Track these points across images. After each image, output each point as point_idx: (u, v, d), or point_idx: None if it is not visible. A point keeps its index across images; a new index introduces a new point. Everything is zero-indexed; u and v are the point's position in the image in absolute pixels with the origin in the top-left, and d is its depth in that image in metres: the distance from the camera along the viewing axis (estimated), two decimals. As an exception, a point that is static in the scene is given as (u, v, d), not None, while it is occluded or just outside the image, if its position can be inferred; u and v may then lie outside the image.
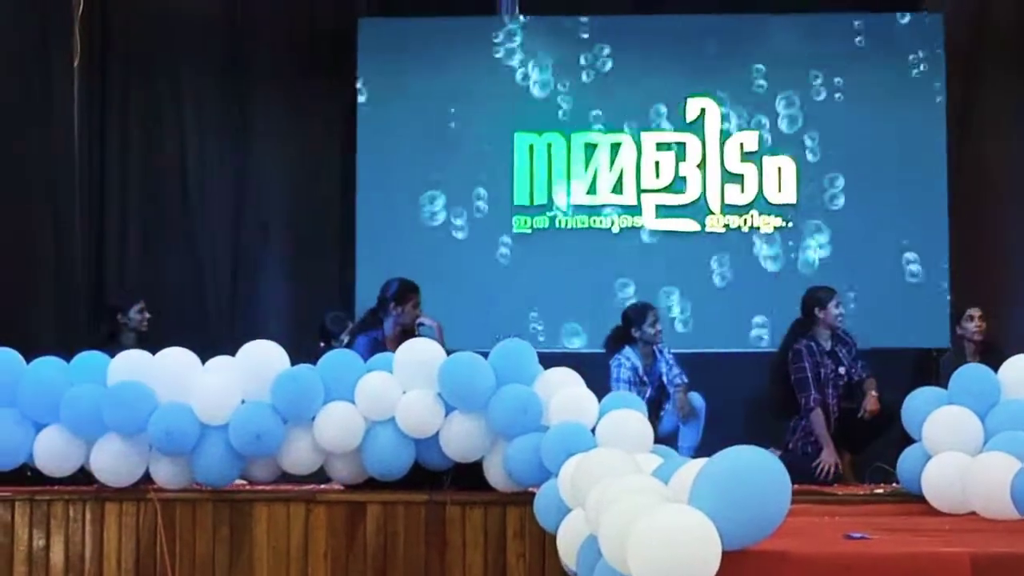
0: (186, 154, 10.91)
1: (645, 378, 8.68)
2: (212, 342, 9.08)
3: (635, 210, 10.47)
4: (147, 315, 8.76)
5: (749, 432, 7.31)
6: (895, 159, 10.54)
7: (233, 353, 6.82)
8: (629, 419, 6.28)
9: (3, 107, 10.07)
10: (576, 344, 10.37)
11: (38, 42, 10.40)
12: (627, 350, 8.72)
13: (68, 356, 6.95)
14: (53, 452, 6.70)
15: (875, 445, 8.26)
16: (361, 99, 10.69)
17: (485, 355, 6.62)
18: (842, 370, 8.49)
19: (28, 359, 6.87)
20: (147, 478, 6.77)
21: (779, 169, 10.62)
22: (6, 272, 9.35)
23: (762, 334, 10.33)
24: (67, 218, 10.41)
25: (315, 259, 9.38)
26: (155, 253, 10.66)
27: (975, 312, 8.76)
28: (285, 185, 10.74)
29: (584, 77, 10.73)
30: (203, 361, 6.85)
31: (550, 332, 10.35)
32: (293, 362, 6.82)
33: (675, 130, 10.67)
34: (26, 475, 6.92)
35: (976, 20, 10.93)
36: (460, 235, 10.57)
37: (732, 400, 9.57)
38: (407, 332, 7.87)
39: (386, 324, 7.95)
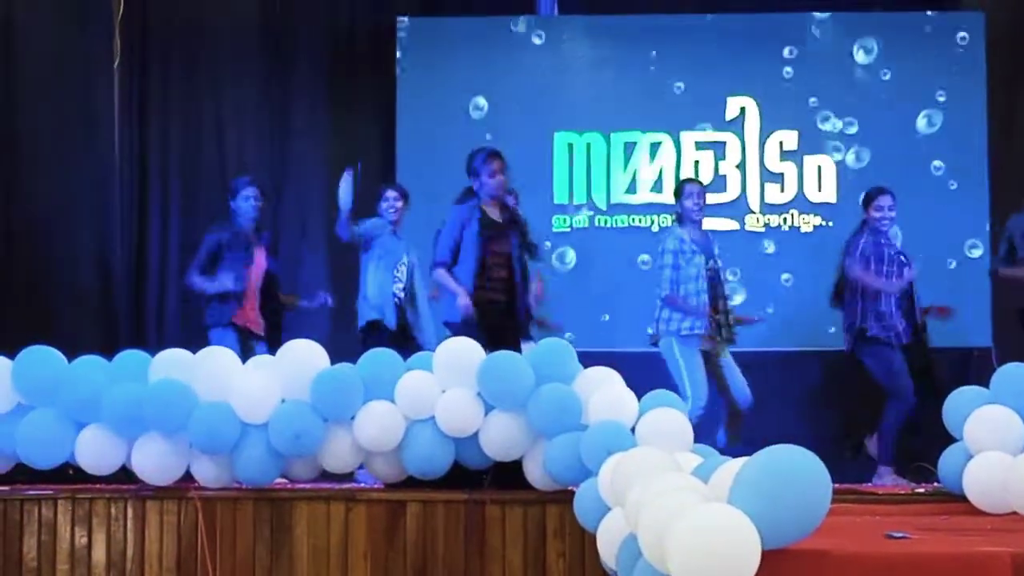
0: (226, 153, 10.98)
1: (695, 246, 8.53)
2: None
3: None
4: (255, 203, 8.76)
5: (784, 429, 7.29)
6: (936, 157, 10.49)
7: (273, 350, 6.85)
8: (669, 418, 6.26)
9: (45, 109, 10.15)
10: (615, 342, 10.36)
11: (79, 44, 10.47)
12: (676, 227, 8.73)
13: (109, 355, 6.99)
14: (94, 451, 6.73)
15: None
16: (400, 97, 10.71)
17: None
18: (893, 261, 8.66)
19: (70, 358, 6.90)
20: (188, 477, 6.80)
21: (819, 168, 10.61)
22: (48, 270, 9.40)
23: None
24: (108, 217, 10.48)
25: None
26: (196, 250, 10.69)
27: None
28: (325, 182, 10.75)
29: (623, 76, 10.74)
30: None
31: (589, 330, 10.32)
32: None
33: (715, 129, 10.66)
34: (68, 473, 6.96)
35: (1018, 17, 10.88)
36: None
37: (764, 398, 9.56)
38: (498, 201, 7.94)
39: (480, 195, 7.92)
